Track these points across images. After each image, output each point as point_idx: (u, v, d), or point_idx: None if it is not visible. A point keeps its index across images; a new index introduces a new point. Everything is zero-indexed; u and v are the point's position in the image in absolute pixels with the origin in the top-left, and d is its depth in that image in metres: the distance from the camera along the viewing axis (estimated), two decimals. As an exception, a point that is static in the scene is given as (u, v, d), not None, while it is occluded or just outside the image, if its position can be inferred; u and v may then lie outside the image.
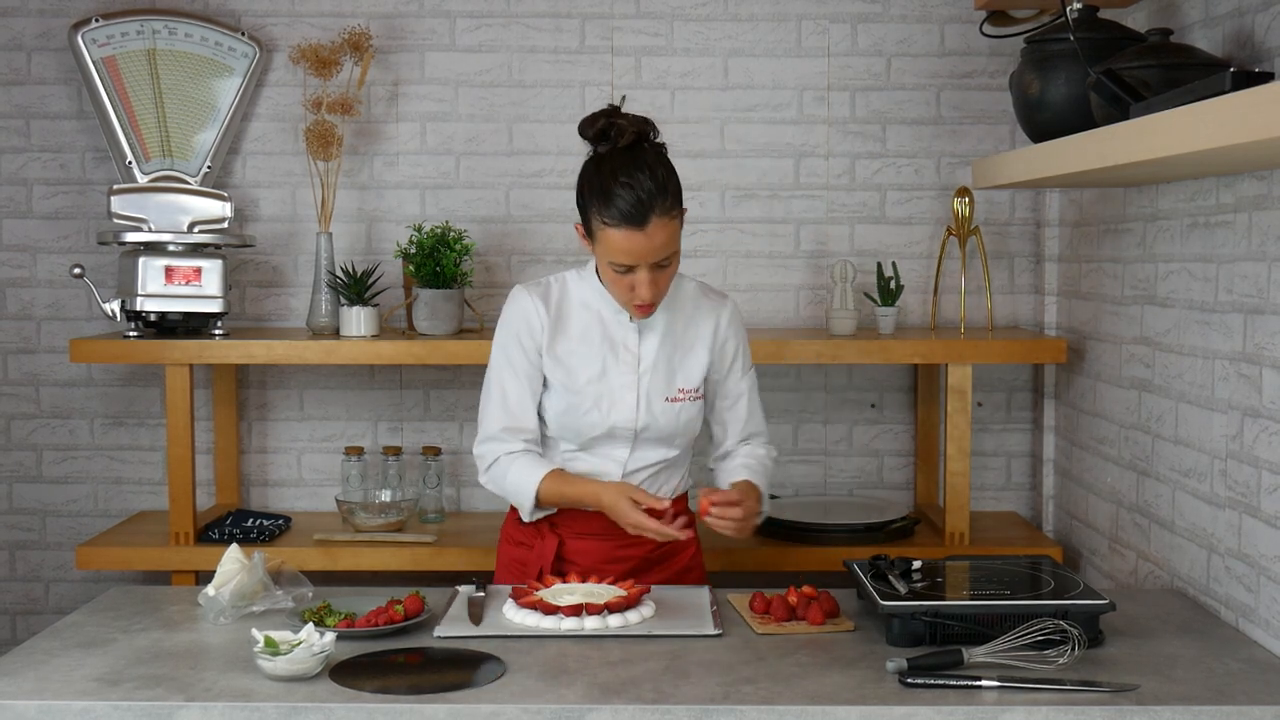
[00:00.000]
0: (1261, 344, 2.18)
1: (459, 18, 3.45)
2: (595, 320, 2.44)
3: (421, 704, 1.83)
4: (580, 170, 2.35)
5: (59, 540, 3.54)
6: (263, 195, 3.48)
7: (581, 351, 2.42)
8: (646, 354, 2.43)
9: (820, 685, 1.90)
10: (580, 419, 2.42)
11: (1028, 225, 3.47)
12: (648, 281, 2.30)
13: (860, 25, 3.45)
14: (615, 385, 2.42)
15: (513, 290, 2.48)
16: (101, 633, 2.17)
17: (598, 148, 2.34)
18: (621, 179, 2.25)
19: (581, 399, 2.41)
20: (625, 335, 2.43)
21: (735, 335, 2.51)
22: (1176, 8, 2.55)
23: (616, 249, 2.27)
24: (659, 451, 2.47)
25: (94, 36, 3.32)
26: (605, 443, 2.44)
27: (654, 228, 2.25)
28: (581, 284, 2.46)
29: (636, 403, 2.42)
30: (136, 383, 3.53)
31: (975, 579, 2.26)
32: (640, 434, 2.44)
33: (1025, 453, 3.54)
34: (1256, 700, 1.86)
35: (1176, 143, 1.82)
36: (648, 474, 2.47)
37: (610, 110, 2.34)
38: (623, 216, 2.24)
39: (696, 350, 2.47)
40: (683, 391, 2.45)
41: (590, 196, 2.30)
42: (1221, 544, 2.33)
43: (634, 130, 2.30)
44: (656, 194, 2.25)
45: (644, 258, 2.27)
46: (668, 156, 2.34)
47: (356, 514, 3.23)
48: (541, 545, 2.46)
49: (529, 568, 2.48)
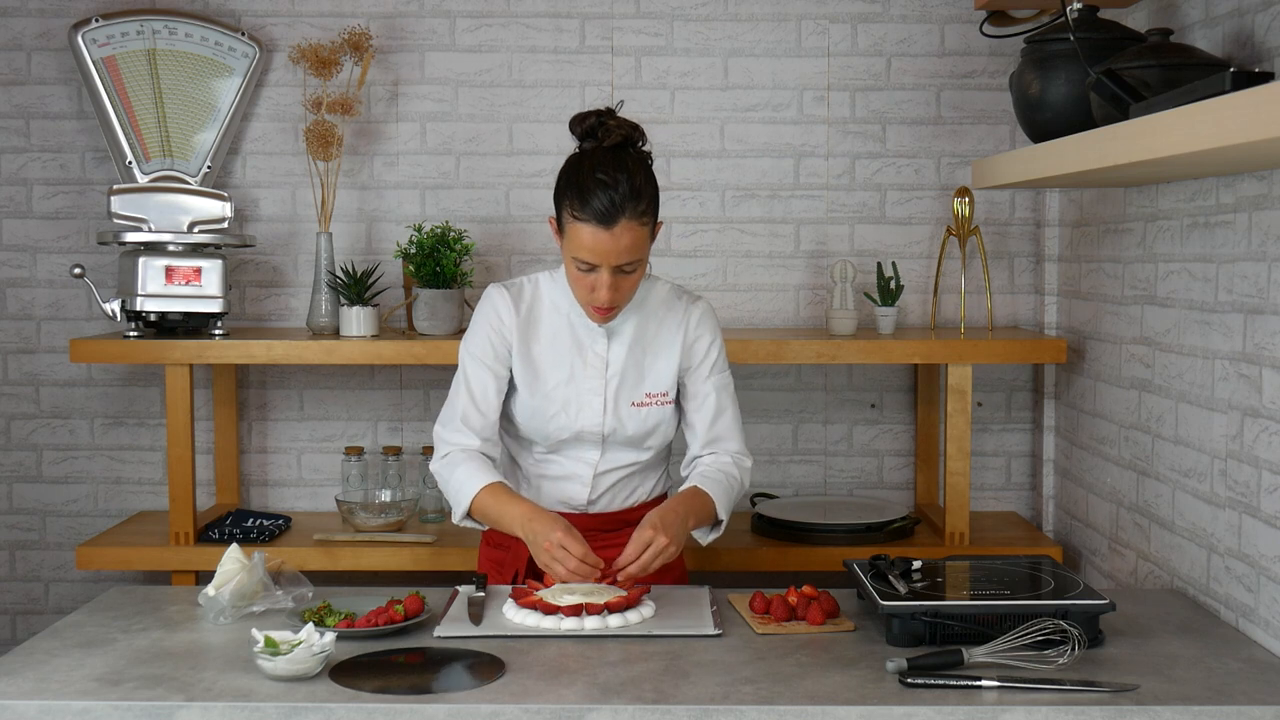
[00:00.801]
0: (1261, 344, 2.18)
1: (459, 18, 3.45)
2: (565, 323, 2.44)
3: (421, 704, 1.83)
4: (563, 164, 2.35)
5: (59, 540, 3.54)
6: (263, 195, 3.48)
7: (550, 355, 2.43)
8: (615, 359, 2.43)
9: (820, 685, 1.90)
10: (547, 422, 2.43)
11: (1028, 225, 3.47)
12: (608, 284, 2.29)
13: (860, 25, 3.45)
14: (582, 389, 2.42)
15: (488, 289, 2.48)
16: (101, 633, 2.17)
17: (583, 144, 2.34)
18: (599, 176, 2.25)
19: (549, 403, 2.42)
20: (593, 340, 2.43)
21: (706, 334, 2.48)
22: (1176, 8, 2.55)
23: (582, 245, 2.27)
24: (630, 454, 2.47)
25: (94, 36, 3.32)
26: (574, 445, 2.44)
27: (622, 229, 2.24)
28: (553, 286, 2.46)
29: (604, 407, 2.42)
30: (136, 383, 3.53)
31: (975, 579, 2.25)
32: (608, 438, 2.44)
33: (1025, 453, 3.54)
34: (1256, 700, 1.86)
35: (1176, 143, 1.82)
36: (619, 476, 2.48)
37: (603, 111, 2.34)
38: (593, 214, 2.24)
39: (666, 354, 2.46)
40: (650, 396, 2.44)
41: (566, 189, 2.30)
42: (1221, 544, 2.33)
43: (621, 133, 2.30)
44: (630, 197, 2.24)
45: (607, 259, 2.26)
46: (651, 167, 2.34)
47: (356, 514, 3.23)
48: (517, 548, 2.46)
49: (505, 569, 2.50)
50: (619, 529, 2.47)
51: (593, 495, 2.48)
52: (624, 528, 2.46)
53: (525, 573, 2.46)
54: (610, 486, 2.48)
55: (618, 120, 2.32)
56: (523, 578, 2.44)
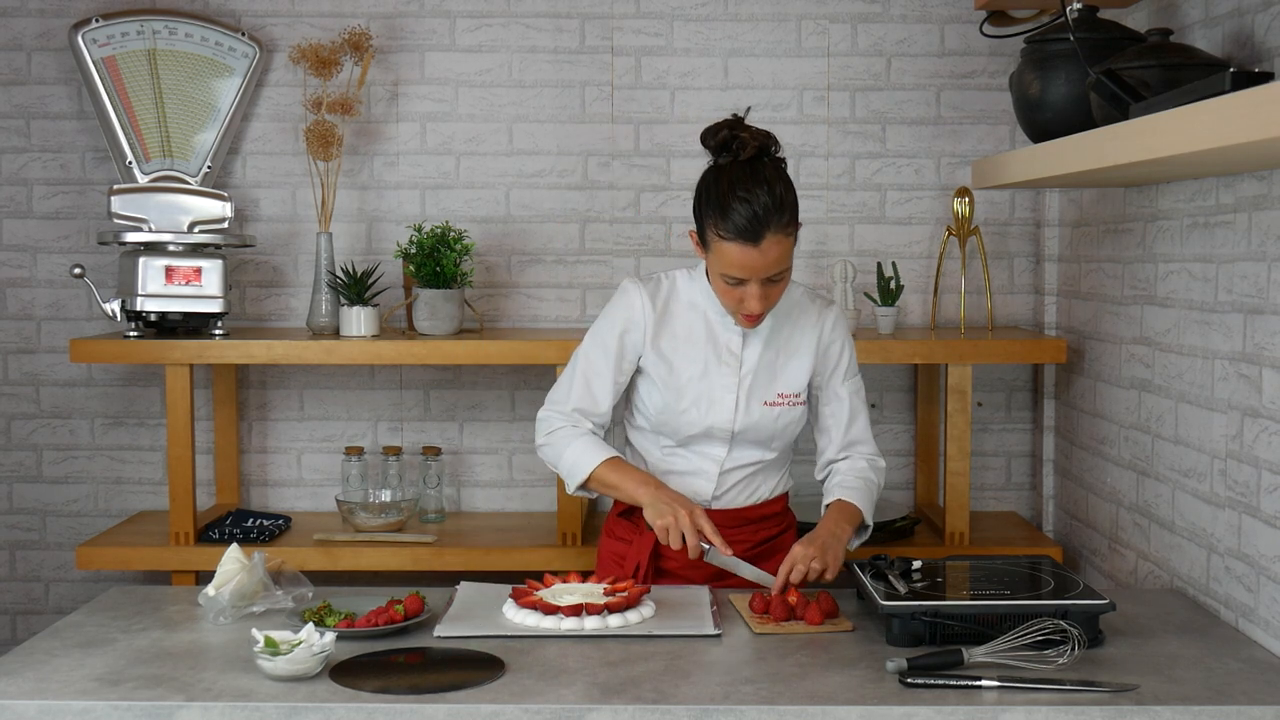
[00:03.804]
0: (1261, 344, 2.18)
1: (459, 18, 3.45)
2: (701, 320, 2.46)
3: (421, 704, 1.83)
4: (699, 179, 2.36)
5: (59, 540, 3.54)
6: (263, 195, 3.48)
7: (685, 350, 2.44)
8: (749, 358, 2.45)
9: (820, 685, 1.90)
10: (678, 417, 2.44)
11: (1028, 225, 3.47)
12: (758, 295, 2.30)
13: (860, 25, 3.45)
14: (716, 386, 2.44)
15: (624, 282, 2.50)
16: (101, 633, 2.17)
17: (718, 158, 2.35)
18: (739, 193, 2.25)
19: (681, 397, 2.44)
20: (729, 338, 2.45)
21: (840, 340, 2.51)
22: (1176, 8, 2.55)
23: (729, 262, 2.28)
24: (756, 453, 2.49)
25: (94, 36, 3.32)
26: (703, 441, 2.46)
27: (768, 244, 2.25)
28: (691, 284, 2.48)
29: (736, 405, 2.43)
30: (136, 383, 3.53)
31: (975, 579, 2.25)
32: (737, 435, 2.45)
33: (1025, 453, 3.54)
34: (1256, 700, 1.86)
35: (1176, 143, 1.82)
36: (744, 474, 2.50)
37: (733, 121, 2.35)
38: (738, 231, 2.25)
39: (800, 355, 2.47)
40: (783, 396, 2.46)
41: (707, 207, 2.30)
42: (1221, 544, 2.33)
43: (756, 144, 2.30)
44: (773, 210, 2.25)
45: (756, 273, 2.28)
46: (787, 172, 2.34)
47: (356, 514, 3.23)
48: (640, 541, 2.49)
49: (626, 562, 2.51)
50: (740, 525, 2.49)
51: (717, 491, 2.49)
52: (745, 525, 2.50)
53: (647, 566, 2.47)
54: (735, 484, 2.49)
55: (751, 131, 2.32)
56: (645, 571, 2.46)
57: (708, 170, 2.36)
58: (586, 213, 3.48)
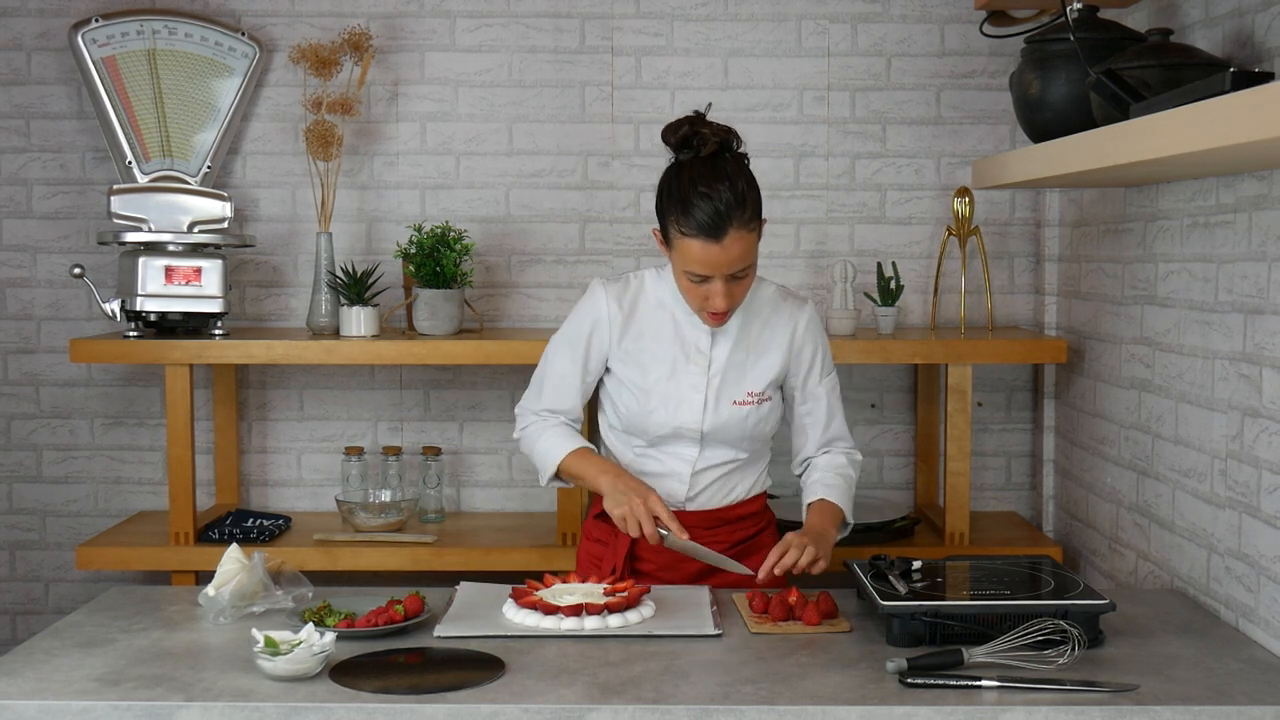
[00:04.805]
0: (1261, 344, 2.17)
1: (459, 18, 3.45)
2: (669, 320, 2.45)
3: (421, 704, 1.83)
4: (660, 176, 2.35)
5: (59, 540, 3.54)
6: (263, 195, 3.48)
7: (652, 349, 2.44)
8: (718, 356, 2.44)
9: (820, 685, 1.90)
10: (646, 417, 2.44)
11: (1028, 225, 3.47)
12: (722, 292, 2.30)
13: (860, 25, 3.45)
14: (683, 385, 2.43)
15: (591, 283, 2.50)
16: (101, 633, 2.17)
17: (679, 155, 2.34)
18: (701, 189, 2.25)
19: (649, 397, 2.43)
20: (698, 337, 2.44)
21: (813, 339, 2.50)
22: (1176, 8, 2.55)
23: (693, 259, 2.28)
24: (728, 452, 2.48)
25: (94, 36, 3.32)
26: (673, 442, 2.46)
27: (731, 240, 2.25)
28: (659, 283, 2.47)
29: (704, 404, 2.43)
30: (136, 383, 3.53)
31: (975, 579, 2.25)
32: (708, 435, 2.45)
33: (1025, 453, 3.54)
34: (1256, 700, 1.86)
35: (1176, 143, 1.82)
36: (718, 474, 2.49)
37: (694, 117, 2.34)
38: (700, 228, 2.24)
39: (770, 354, 2.47)
40: (751, 395, 2.45)
41: (669, 204, 2.30)
42: (1221, 544, 2.33)
43: (717, 140, 2.30)
44: (735, 206, 2.24)
45: (720, 269, 2.28)
46: (749, 167, 2.33)
47: (356, 514, 3.23)
48: (615, 543, 2.49)
49: (603, 564, 2.51)
50: (717, 526, 2.49)
51: (691, 492, 2.48)
52: (721, 525, 2.49)
53: (623, 566, 2.47)
54: (709, 484, 2.49)
55: (712, 127, 2.31)
56: (621, 571, 2.45)
57: (669, 167, 2.35)
58: (586, 213, 3.48)
